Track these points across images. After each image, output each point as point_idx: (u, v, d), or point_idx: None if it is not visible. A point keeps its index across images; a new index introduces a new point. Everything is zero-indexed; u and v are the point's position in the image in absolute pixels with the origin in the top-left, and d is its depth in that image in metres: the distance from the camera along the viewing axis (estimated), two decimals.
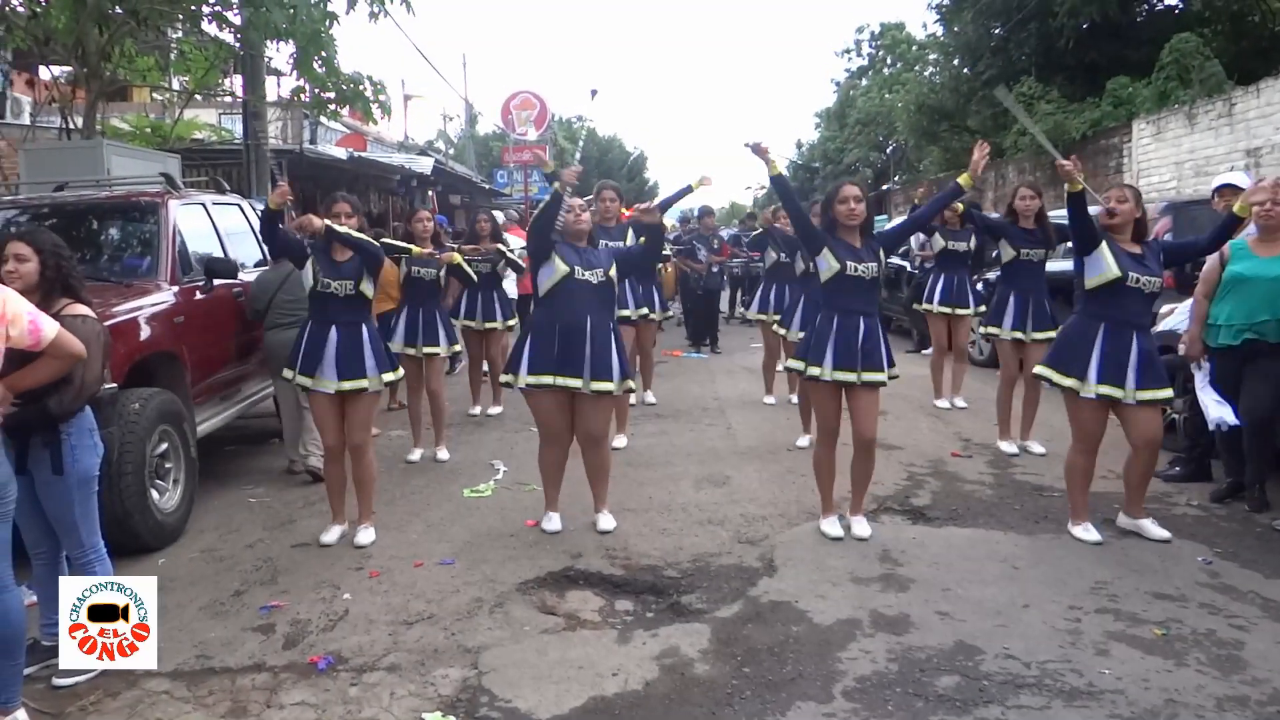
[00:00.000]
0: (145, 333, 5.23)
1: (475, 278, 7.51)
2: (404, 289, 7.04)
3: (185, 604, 4.35)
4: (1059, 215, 5.84)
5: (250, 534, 5.35)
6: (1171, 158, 13.61)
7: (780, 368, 8.48)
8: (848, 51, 42.87)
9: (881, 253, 4.92)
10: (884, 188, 34.08)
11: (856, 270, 4.79)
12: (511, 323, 8.62)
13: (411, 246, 6.52)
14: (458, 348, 7.34)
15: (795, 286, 7.75)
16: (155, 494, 5.08)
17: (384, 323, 7.50)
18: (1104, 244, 4.77)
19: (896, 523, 5.30)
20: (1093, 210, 4.96)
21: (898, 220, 16.13)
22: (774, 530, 5.15)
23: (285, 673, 3.66)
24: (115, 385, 4.70)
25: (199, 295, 5.92)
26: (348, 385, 4.98)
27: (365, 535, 5.10)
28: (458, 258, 6.88)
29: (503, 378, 5.17)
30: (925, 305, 8.27)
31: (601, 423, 5.11)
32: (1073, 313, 5.02)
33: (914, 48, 38.15)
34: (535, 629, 3.99)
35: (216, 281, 6.07)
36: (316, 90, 11.02)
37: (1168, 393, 4.74)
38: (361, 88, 10.96)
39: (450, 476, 6.44)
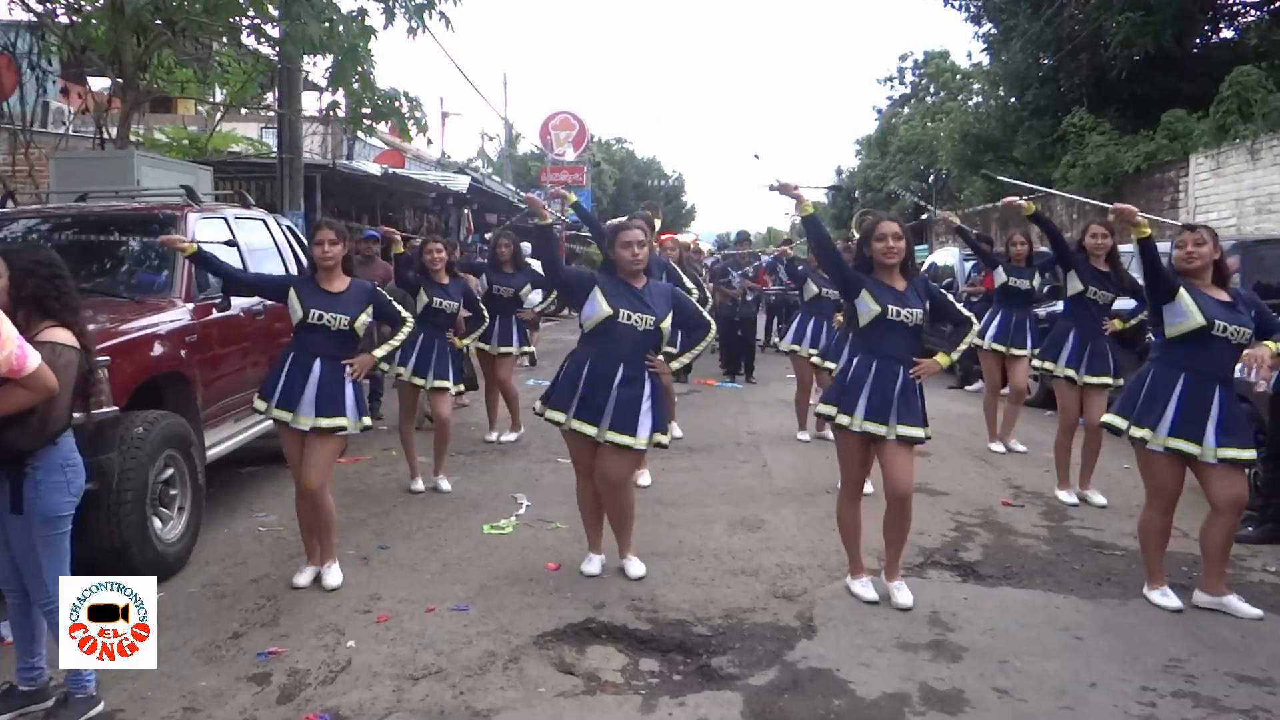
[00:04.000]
0: (153, 352, 4.98)
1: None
2: (422, 318, 6.61)
3: (179, 646, 4.06)
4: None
5: (257, 567, 5.07)
6: (1231, 194, 13.11)
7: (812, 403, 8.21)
8: (890, 79, 42.59)
9: (927, 295, 4.57)
10: (923, 217, 33.60)
11: (899, 315, 4.41)
12: (528, 349, 8.42)
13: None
14: (462, 388, 7.13)
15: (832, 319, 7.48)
16: (158, 522, 4.81)
17: None
18: (1182, 290, 4.37)
19: (945, 580, 4.92)
20: (1163, 247, 4.59)
21: (943, 254, 15.73)
22: (813, 584, 4.78)
23: None
24: (117, 409, 4.44)
25: (215, 313, 5.67)
26: (325, 423, 4.62)
27: (333, 577, 4.74)
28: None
29: (535, 406, 4.86)
30: (976, 340, 7.85)
31: (617, 471, 4.69)
32: (1148, 359, 4.62)
33: (958, 76, 37.77)
34: (551, 690, 3.66)
35: (235, 300, 5.82)
36: (353, 105, 10.90)
37: (1251, 453, 4.31)
38: (397, 104, 10.81)
39: (471, 509, 6.14)
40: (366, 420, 4.81)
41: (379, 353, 4.92)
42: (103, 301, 5.23)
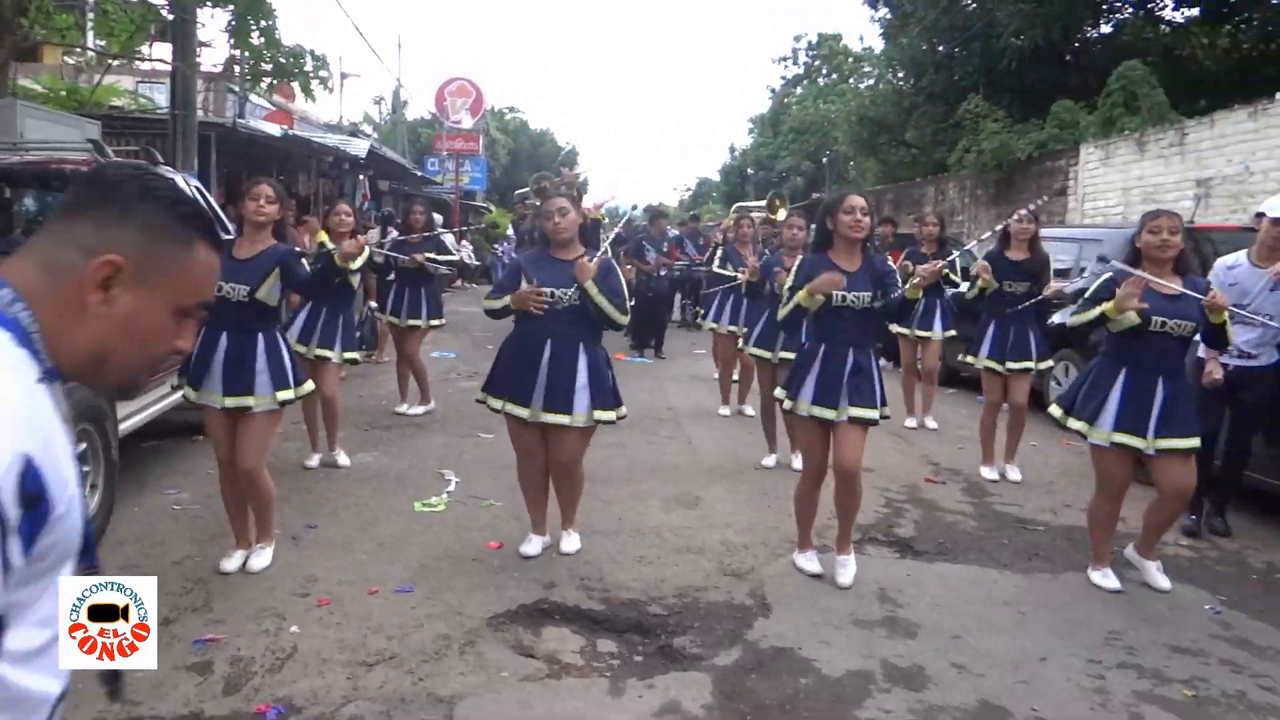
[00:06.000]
0: None
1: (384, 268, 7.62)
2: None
3: None
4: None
5: (176, 548, 4.78)
6: (1119, 183, 13.72)
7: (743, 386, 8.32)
8: (785, 59, 43.21)
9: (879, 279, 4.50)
10: (814, 196, 34.21)
11: (845, 300, 4.37)
12: (436, 322, 8.09)
13: (331, 247, 5.89)
14: (352, 355, 6.52)
15: (756, 299, 7.35)
16: None
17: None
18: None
19: (884, 555, 5.00)
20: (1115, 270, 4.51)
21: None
22: (759, 561, 4.79)
23: None
24: None
25: None
26: (230, 402, 4.31)
27: (259, 559, 4.48)
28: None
29: (478, 396, 4.78)
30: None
31: (567, 451, 4.64)
32: (1099, 352, 4.73)
33: (850, 60, 38.49)
34: (514, 674, 3.56)
35: None
36: (252, 62, 10.38)
37: (1193, 442, 4.34)
38: (302, 61, 10.34)
39: (396, 486, 5.94)
40: (285, 394, 4.43)
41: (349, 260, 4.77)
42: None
